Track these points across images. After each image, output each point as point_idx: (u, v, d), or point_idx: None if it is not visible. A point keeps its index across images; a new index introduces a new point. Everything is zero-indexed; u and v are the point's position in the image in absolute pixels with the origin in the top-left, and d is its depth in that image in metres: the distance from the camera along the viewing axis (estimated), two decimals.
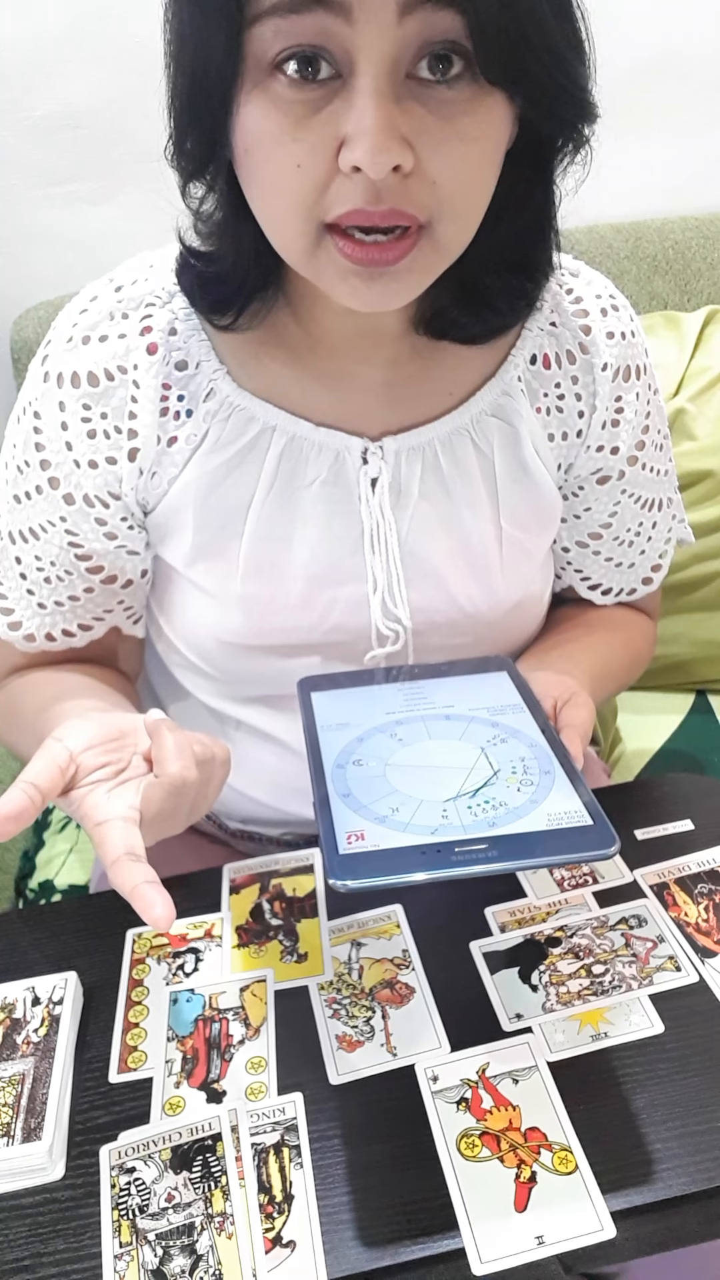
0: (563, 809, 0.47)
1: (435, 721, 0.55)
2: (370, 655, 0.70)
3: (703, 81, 1.26)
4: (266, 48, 0.48)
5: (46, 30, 1.11)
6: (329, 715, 0.56)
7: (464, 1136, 0.49)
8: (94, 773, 0.52)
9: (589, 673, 0.71)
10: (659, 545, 0.80)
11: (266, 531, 0.67)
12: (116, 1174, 0.49)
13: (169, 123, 0.55)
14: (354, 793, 0.49)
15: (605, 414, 0.70)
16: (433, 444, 0.67)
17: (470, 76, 0.49)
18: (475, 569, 0.70)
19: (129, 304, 0.64)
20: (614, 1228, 0.45)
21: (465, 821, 0.46)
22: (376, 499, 0.66)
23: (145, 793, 0.51)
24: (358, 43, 0.47)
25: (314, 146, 0.49)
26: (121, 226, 1.22)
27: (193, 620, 0.71)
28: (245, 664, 0.71)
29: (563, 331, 0.69)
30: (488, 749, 0.52)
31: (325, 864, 0.44)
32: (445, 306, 0.63)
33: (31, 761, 0.50)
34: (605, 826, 0.46)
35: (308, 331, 0.64)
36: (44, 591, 0.70)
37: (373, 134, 0.47)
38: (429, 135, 0.49)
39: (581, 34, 0.52)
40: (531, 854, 0.45)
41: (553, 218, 0.61)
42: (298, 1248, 0.46)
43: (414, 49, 0.47)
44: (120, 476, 0.66)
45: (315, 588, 0.68)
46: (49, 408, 0.65)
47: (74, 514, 0.67)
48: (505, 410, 0.68)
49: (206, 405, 0.65)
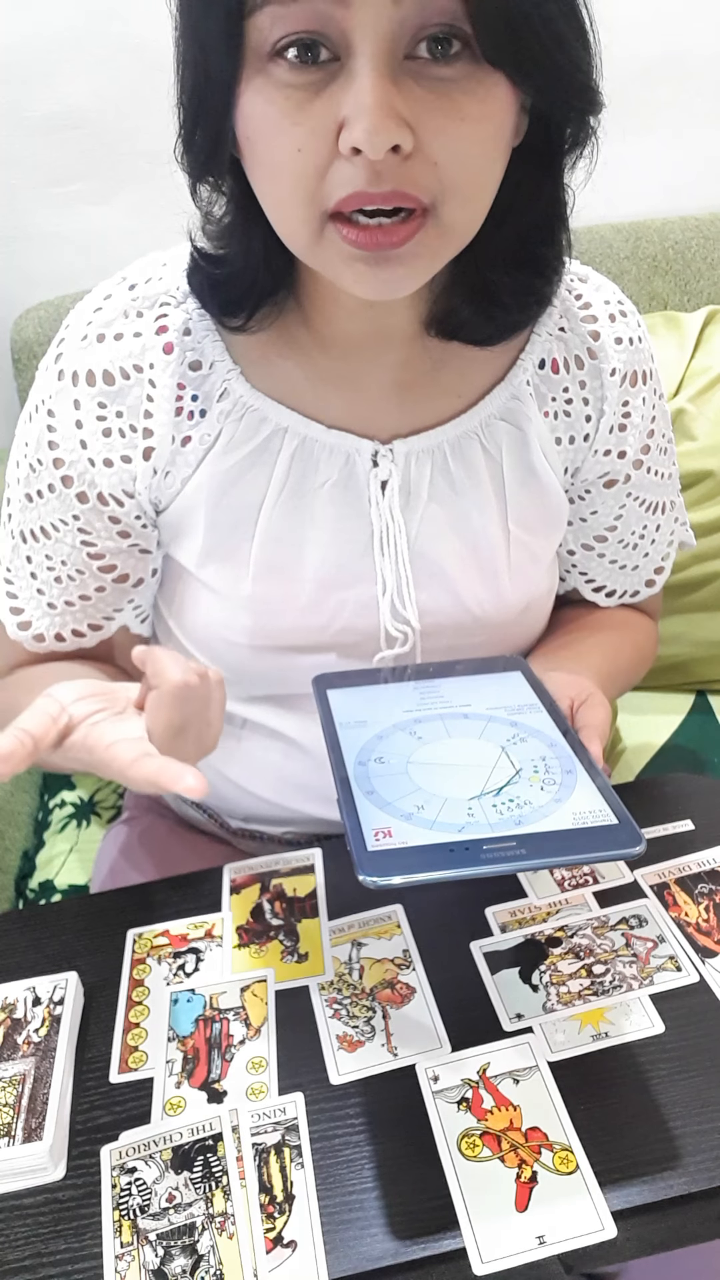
0: (587, 808, 0.47)
1: (454, 720, 0.55)
2: (379, 657, 0.70)
3: (703, 81, 1.26)
4: (265, 36, 0.49)
5: (46, 30, 1.11)
6: (347, 713, 0.56)
7: (465, 1136, 0.49)
8: (90, 716, 0.52)
9: (598, 673, 0.71)
10: (662, 548, 0.81)
11: (277, 533, 0.67)
12: (117, 1174, 0.49)
13: (178, 120, 0.55)
14: (378, 790, 0.49)
15: (613, 419, 0.71)
16: (442, 447, 0.67)
17: (470, 56, 0.49)
18: (483, 571, 0.70)
19: (144, 302, 0.64)
20: (615, 1227, 0.45)
21: (491, 820, 0.46)
22: (386, 501, 0.66)
23: (151, 709, 0.51)
24: (354, 24, 0.47)
25: (313, 130, 0.49)
26: (121, 226, 1.22)
27: (203, 620, 0.71)
28: (254, 664, 0.71)
29: (571, 337, 0.69)
30: (508, 748, 0.52)
31: (354, 860, 0.44)
32: (456, 306, 0.63)
33: (22, 715, 0.50)
34: (631, 826, 0.46)
35: (319, 333, 0.65)
36: (54, 591, 0.70)
37: (370, 113, 0.47)
38: (429, 116, 0.49)
39: (585, 22, 0.52)
40: (560, 852, 0.45)
41: (563, 214, 0.61)
42: (298, 1248, 0.46)
43: (411, 30, 0.48)
44: (134, 475, 0.66)
45: (324, 589, 0.68)
46: (63, 406, 0.65)
47: (87, 512, 0.67)
48: (514, 414, 0.68)
49: (220, 405, 0.65)
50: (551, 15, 0.49)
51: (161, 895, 0.66)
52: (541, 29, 0.49)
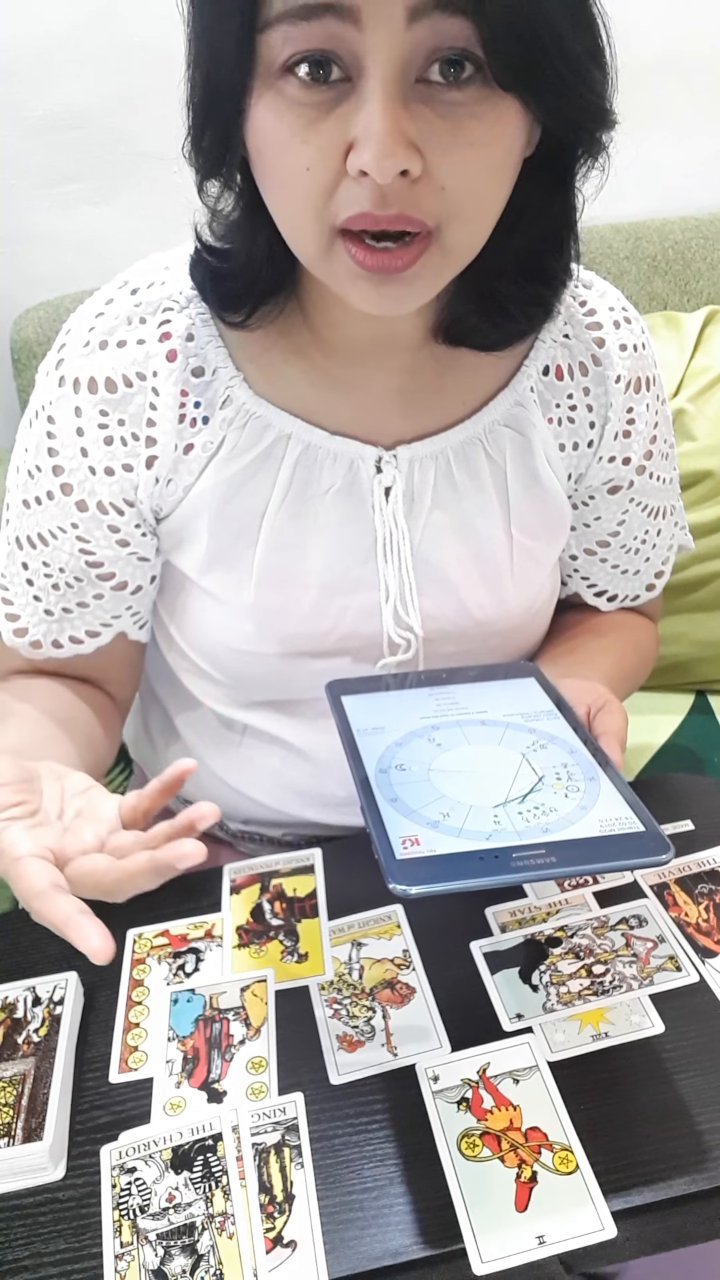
0: (613, 815, 0.47)
1: (471, 726, 0.55)
2: (381, 663, 0.70)
3: (703, 81, 1.26)
4: (277, 53, 0.48)
5: (46, 30, 1.11)
6: (363, 719, 0.56)
7: (465, 1136, 0.49)
8: (8, 809, 0.51)
9: (607, 677, 0.71)
10: (663, 552, 0.81)
11: (280, 540, 0.66)
12: (117, 1174, 0.49)
13: (186, 119, 0.55)
14: (401, 798, 0.48)
15: (617, 425, 0.71)
16: (446, 453, 0.67)
17: (482, 80, 0.48)
18: (486, 577, 0.70)
19: (146, 308, 0.64)
20: (615, 1227, 0.45)
21: (519, 827, 0.46)
22: (390, 507, 0.66)
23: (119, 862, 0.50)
24: (366, 47, 0.47)
25: (322, 149, 0.49)
26: (121, 226, 1.22)
27: (205, 628, 0.71)
28: (257, 670, 0.71)
29: (576, 343, 0.69)
30: (528, 754, 0.52)
31: (382, 868, 0.43)
32: (463, 314, 0.63)
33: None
34: (658, 833, 0.46)
35: (323, 338, 0.64)
36: (51, 598, 0.70)
37: (380, 139, 0.46)
38: (438, 140, 0.48)
39: (601, 41, 0.51)
40: (589, 860, 0.45)
41: (572, 226, 0.61)
42: (298, 1248, 0.46)
43: (424, 54, 0.47)
44: (136, 484, 0.66)
45: (327, 596, 0.68)
46: (64, 413, 0.65)
47: (86, 520, 0.67)
48: (518, 420, 0.68)
49: (223, 412, 0.65)
50: (566, 38, 0.48)
51: (161, 895, 0.66)
52: (555, 52, 0.48)
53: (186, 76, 0.54)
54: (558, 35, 0.48)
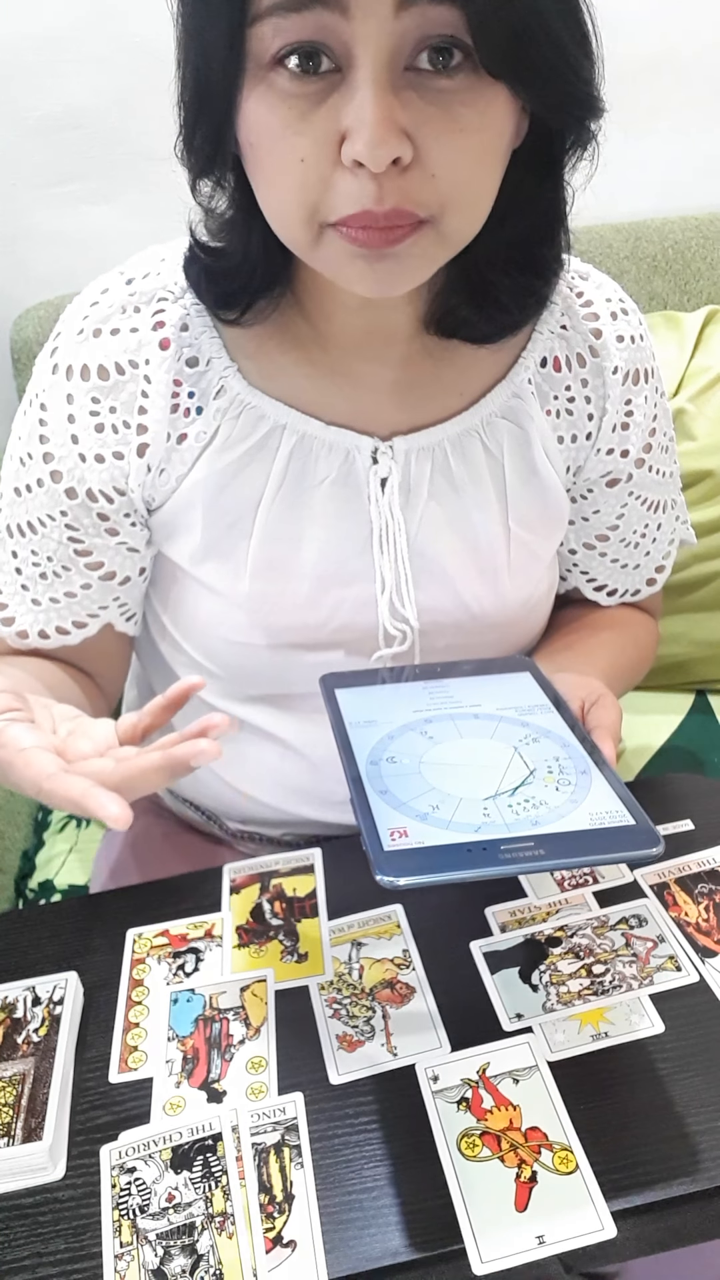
0: (604, 809, 0.47)
1: (464, 720, 0.55)
2: (377, 655, 0.70)
3: (702, 81, 1.26)
4: (267, 45, 0.49)
5: (46, 30, 1.11)
6: (356, 712, 0.56)
7: (464, 1136, 0.49)
8: (6, 712, 0.51)
9: (604, 672, 0.71)
10: (663, 546, 0.81)
11: (275, 531, 0.66)
12: (117, 1174, 0.49)
13: (179, 118, 0.55)
14: (391, 790, 0.48)
15: (615, 417, 0.70)
16: (443, 444, 0.67)
17: (470, 67, 0.49)
18: (483, 570, 0.70)
19: (141, 298, 0.64)
20: (614, 1227, 0.45)
21: (507, 820, 0.46)
22: (386, 499, 0.66)
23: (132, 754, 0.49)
24: (355, 37, 0.47)
25: (316, 140, 0.49)
26: (121, 226, 1.22)
27: (202, 620, 0.71)
28: (251, 662, 0.71)
29: (573, 335, 0.69)
30: (521, 748, 0.52)
31: (370, 860, 0.43)
32: (455, 305, 0.63)
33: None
34: (648, 826, 0.46)
35: (319, 330, 0.64)
36: (39, 588, 0.70)
37: (372, 127, 0.47)
38: (429, 126, 0.49)
39: (587, 27, 0.52)
40: (578, 853, 0.45)
41: (563, 216, 0.61)
42: (298, 1248, 0.46)
43: (412, 42, 0.48)
44: (127, 472, 0.66)
45: (323, 587, 0.68)
46: (56, 400, 0.65)
47: (75, 509, 0.67)
48: (515, 412, 0.68)
49: (217, 402, 0.65)
50: (553, 25, 0.49)
51: (161, 895, 0.66)
52: (543, 39, 0.49)
53: (177, 75, 0.54)
54: (545, 22, 0.48)
